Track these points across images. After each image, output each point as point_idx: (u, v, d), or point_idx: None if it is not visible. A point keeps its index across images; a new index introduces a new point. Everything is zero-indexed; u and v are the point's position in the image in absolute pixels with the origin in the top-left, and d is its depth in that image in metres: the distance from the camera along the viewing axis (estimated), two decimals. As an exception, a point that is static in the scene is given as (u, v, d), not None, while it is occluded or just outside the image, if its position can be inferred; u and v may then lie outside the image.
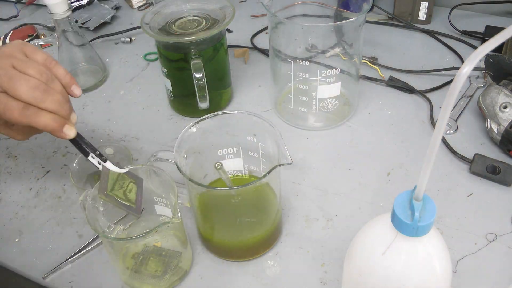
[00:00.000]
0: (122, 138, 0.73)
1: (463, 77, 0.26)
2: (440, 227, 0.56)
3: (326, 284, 0.52)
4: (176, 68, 0.70)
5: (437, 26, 0.90)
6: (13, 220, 0.62)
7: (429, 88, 0.76)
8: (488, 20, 0.90)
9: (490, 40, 0.25)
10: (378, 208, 0.59)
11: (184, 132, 0.51)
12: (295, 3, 0.74)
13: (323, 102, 0.68)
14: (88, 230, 0.59)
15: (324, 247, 0.55)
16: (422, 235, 0.33)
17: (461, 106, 0.72)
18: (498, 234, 0.55)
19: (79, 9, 1.02)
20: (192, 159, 0.53)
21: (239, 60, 0.87)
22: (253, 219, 0.55)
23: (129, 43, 0.94)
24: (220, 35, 0.69)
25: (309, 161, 0.66)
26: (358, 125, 0.71)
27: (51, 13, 0.75)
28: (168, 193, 0.51)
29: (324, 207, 0.60)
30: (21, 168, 0.69)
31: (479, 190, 0.60)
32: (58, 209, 0.62)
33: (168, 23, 0.69)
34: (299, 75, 0.65)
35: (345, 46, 0.69)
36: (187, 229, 0.58)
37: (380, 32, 0.91)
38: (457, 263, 0.52)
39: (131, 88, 0.83)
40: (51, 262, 0.56)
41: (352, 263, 0.39)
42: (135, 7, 1.06)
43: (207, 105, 0.70)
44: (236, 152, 0.56)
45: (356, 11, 0.67)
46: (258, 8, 1.01)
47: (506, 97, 0.64)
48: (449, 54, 0.84)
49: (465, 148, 0.66)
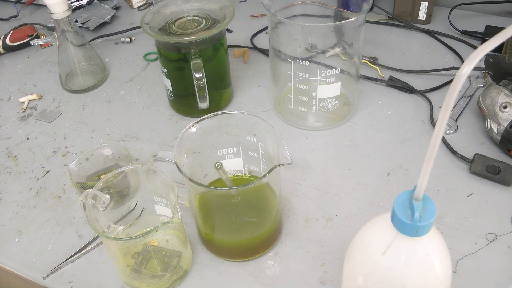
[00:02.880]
0: (122, 138, 0.72)
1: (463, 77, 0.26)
2: (440, 227, 0.56)
3: (326, 284, 0.52)
4: (176, 68, 0.70)
5: (437, 26, 0.90)
6: (13, 220, 0.62)
7: (429, 88, 0.76)
8: (488, 20, 0.90)
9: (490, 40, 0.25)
10: (378, 208, 0.59)
11: (184, 132, 0.51)
12: (295, 3, 0.74)
13: (323, 102, 0.68)
14: (88, 230, 0.59)
15: (324, 247, 0.55)
16: (422, 235, 0.33)
17: (461, 106, 0.72)
18: (498, 234, 0.55)
19: (79, 9, 1.02)
20: (192, 159, 0.53)
21: (239, 60, 0.87)
22: (253, 219, 0.55)
23: (129, 43, 0.94)
24: (220, 35, 0.69)
25: (309, 161, 0.66)
26: (358, 125, 0.71)
27: (51, 13, 0.75)
28: (168, 193, 0.51)
29: (324, 207, 0.60)
30: (21, 168, 0.69)
31: (479, 190, 0.60)
32: (58, 209, 0.62)
33: (168, 23, 0.69)
34: (299, 75, 0.65)
35: (345, 46, 0.69)
36: (187, 229, 0.58)
37: (380, 32, 0.91)
38: (457, 263, 0.52)
39: (131, 88, 0.83)
40: (51, 262, 0.56)
41: (352, 263, 0.39)
42: (135, 7, 1.06)
43: (207, 105, 0.70)
44: (236, 152, 0.56)
45: (356, 11, 0.67)
46: (258, 8, 1.01)
47: (506, 97, 0.64)
48: (449, 54, 0.84)
49: (465, 148, 0.66)
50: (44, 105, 0.81)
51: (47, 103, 0.81)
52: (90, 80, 0.84)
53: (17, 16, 1.06)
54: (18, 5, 1.08)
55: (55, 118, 0.78)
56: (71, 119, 0.77)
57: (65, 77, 0.83)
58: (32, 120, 0.78)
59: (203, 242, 0.56)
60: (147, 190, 0.53)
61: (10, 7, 1.08)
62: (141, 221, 0.57)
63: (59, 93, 0.83)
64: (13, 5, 1.08)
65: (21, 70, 0.90)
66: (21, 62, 0.92)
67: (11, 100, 0.83)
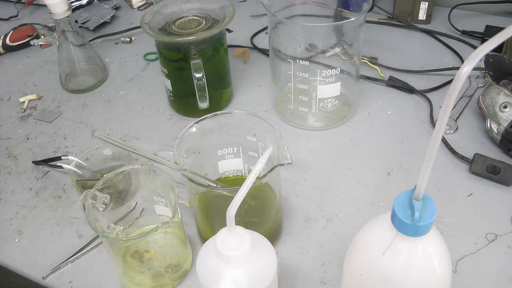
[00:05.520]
0: (122, 138, 0.72)
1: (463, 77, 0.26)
2: (440, 227, 0.56)
3: (326, 284, 0.52)
4: (176, 68, 0.70)
5: (437, 26, 0.91)
6: (13, 220, 0.62)
7: (429, 88, 0.76)
8: (488, 20, 0.90)
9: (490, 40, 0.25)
10: (378, 208, 0.59)
11: (184, 132, 0.51)
12: (295, 3, 0.74)
13: (323, 102, 0.68)
14: (88, 230, 0.59)
15: (324, 247, 0.55)
16: (422, 235, 0.33)
17: (461, 106, 0.72)
18: (498, 234, 0.55)
19: (79, 9, 1.02)
20: (192, 159, 0.53)
21: (239, 60, 0.87)
22: (253, 219, 0.55)
23: (129, 43, 0.94)
24: (220, 35, 0.69)
25: (309, 161, 0.66)
26: (358, 125, 0.71)
27: (51, 13, 0.75)
28: (168, 193, 0.51)
29: (324, 207, 0.60)
30: (21, 168, 0.69)
31: (479, 190, 0.60)
32: (58, 209, 0.62)
33: (168, 23, 0.69)
34: (299, 75, 0.65)
35: (345, 46, 0.69)
36: (187, 229, 0.58)
37: (380, 32, 0.91)
38: (457, 263, 0.52)
39: (131, 88, 0.83)
40: (51, 262, 0.56)
41: (352, 263, 0.39)
42: (135, 7, 1.06)
43: (207, 105, 0.70)
44: (236, 152, 0.56)
45: (356, 11, 0.66)
46: (258, 8, 1.01)
47: (506, 97, 0.64)
48: (449, 54, 0.84)
49: (465, 148, 0.66)
50: (44, 105, 0.81)
51: (47, 103, 0.81)
52: (90, 80, 0.84)
53: (17, 16, 1.06)
54: (18, 5, 1.08)
55: (55, 118, 0.78)
56: (71, 119, 0.77)
57: (65, 77, 0.83)
58: (32, 120, 0.78)
59: (203, 242, 0.56)
60: (147, 190, 0.53)
61: (10, 7, 1.08)
62: (141, 221, 0.57)
63: (59, 93, 0.83)
64: (13, 5, 1.08)
65: (21, 70, 0.90)
66: (21, 62, 0.92)
67: (11, 100, 0.83)
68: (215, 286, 0.40)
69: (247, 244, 0.39)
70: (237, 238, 0.39)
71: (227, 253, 0.39)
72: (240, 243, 0.39)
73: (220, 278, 0.40)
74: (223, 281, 0.40)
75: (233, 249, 0.39)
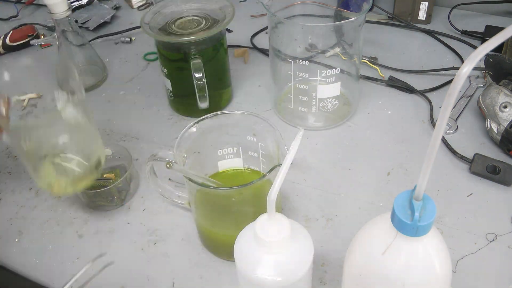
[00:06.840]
0: (122, 138, 0.72)
1: (463, 77, 0.26)
2: (440, 227, 0.56)
3: (326, 284, 0.52)
4: (176, 68, 0.70)
5: (437, 26, 0.91)
6: (13, 220, 0.62)
7: (429, 88, 0.76)
8: (488, 20, 0.90)
9: (490, 40, 0.25)
10: (378, 208, 0.59)
11: (184, 132, 0.51)
12: (295, 3, 0.74)
13: (323, 102, 0.68)
14: (88, 230, 0.59)
15: (324, 247, 0.55)
16: (422, 235, 0.33)
17: (461, 106, 0.72)
18: (498, 234, 0.55)
19: (79, 9, 1.02)
20: (192, 159, 0.53)
21: (239, 60, 0.87)
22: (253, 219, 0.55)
23: (129, 43, 0.94)
24: (220, 35, 0.69)
25: (309, 161, 0.66)
26: (358, 125, 0.71)
27: (51, 13, 0.75)
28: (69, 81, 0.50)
29: (324, 207, 0.60)
30: (21, 168, 0.69)
31: (479, 190, 0.60)
32: (58, 209, 0.62)
33: (168, 23, 0.69)
34: (299, 75, 0.65)
35: (345, 46, 0.69)
36: (187, 229, 0.58)
37: (380, 32, 0.91)
38: (457, 263, 0.52)
39: (131, 88, 0.83)
40: (51, 262, 0.56)
41: (352, 263, 0.39)
42: (135, 7, 1.06)
43: (207, 105, 0.70)
44: (236, 152, 0.56)
45: (356, 11, 0.66)
46: (258, 8, 1.01)
47: (506, 97, 0.64)
48: (449, 54, 0.84)
49: (465, 148, 0.66)
50: (44, 105, 0.81)
51: (47, 103, 0.81)
52: (90, 80, 0.84)
53: (17, 16, 1.06)
54: (18, 5, 1.08)
55: (55, 118, 0.78)
56: (71, 119, 0.77)
57: (65, 77, 0.83)
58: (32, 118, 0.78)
59: (203, 241, 0.56)
60: None
61: (10, 7, 1.08)
62: None
63: (59, 93, 0.83)
64: (13, 5, 1.08)
65: (21, 70, 0.90)
66: (21, 62, 0.92)
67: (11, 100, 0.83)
68: (253, 272, 0.39)
69: (286, 230, 0.38)
70: (277, 224, 0.39)
71: (267, 239, 0.38)
72: (279, 229, 0.38)
73: (258, 264, 0.39)
74: (261, 267, 0.39)
75: (273, 235, 0.38)
